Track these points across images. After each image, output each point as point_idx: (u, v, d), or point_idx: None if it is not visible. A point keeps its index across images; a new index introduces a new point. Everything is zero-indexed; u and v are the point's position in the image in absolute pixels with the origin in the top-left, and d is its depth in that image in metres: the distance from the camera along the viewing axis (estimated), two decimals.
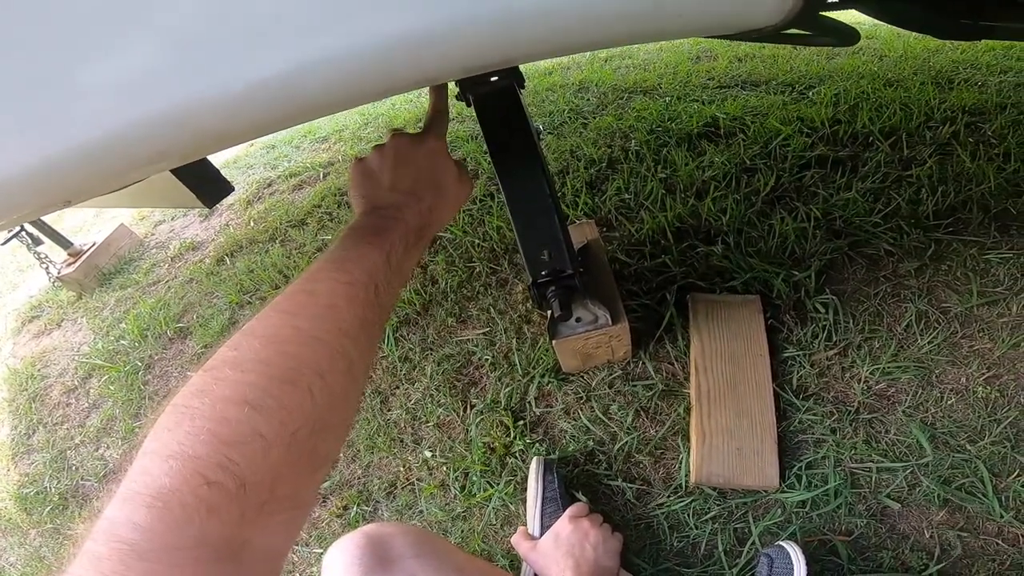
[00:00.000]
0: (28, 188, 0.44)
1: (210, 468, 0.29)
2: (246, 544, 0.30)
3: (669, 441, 1.01)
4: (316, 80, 0.37)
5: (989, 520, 0.83)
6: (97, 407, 1.58)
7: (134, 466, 0.30)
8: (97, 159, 0.43)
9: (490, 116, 0.79)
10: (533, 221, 0.81)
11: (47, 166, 0.42)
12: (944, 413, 0.94)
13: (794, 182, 1.35)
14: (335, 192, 1.91)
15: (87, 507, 1.34)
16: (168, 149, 0.45)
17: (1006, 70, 1.75)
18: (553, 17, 0.34)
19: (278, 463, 0.32)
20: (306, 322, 0.38)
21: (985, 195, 1.22)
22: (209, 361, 0.36)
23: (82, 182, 0.47)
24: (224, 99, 0.38)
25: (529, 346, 1.19)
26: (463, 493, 1.04)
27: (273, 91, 0.36)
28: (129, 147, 0.42)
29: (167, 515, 0.27)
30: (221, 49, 0.36)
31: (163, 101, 0.38)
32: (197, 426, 0.31)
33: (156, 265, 2.02)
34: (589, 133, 1.73)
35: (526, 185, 0.80)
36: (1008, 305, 1.05)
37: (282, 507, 0.33)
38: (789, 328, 1.09)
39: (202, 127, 0.42)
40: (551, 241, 0.80)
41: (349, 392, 0.39)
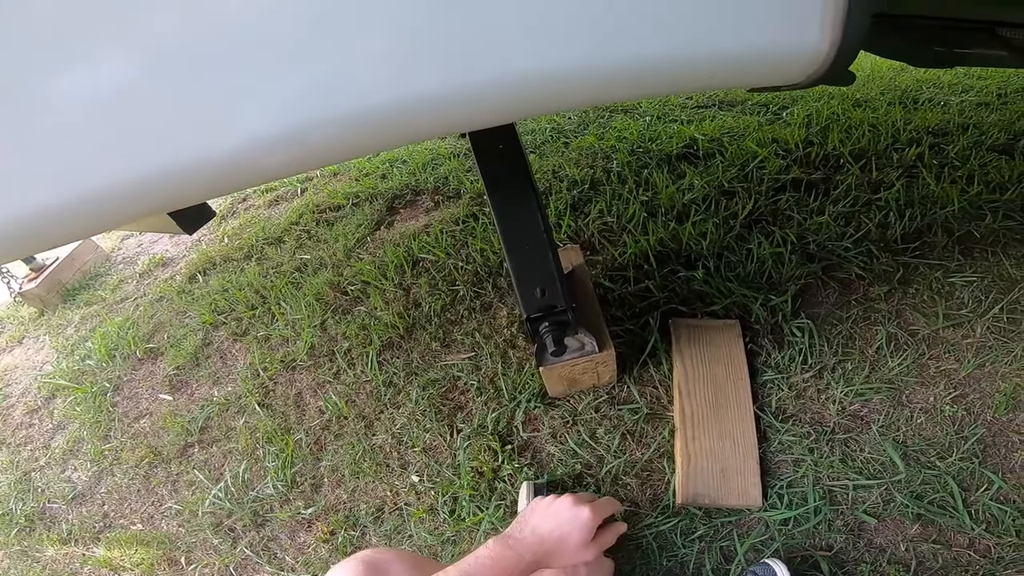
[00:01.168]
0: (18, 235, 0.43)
1: None
2: None
3: (655, 463, 1.03)
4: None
5: (960, 532, 0.87)
6: (62, 428, 1.52)
7: None
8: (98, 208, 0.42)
9: (486, 150, 0.79)
10: (528, 259, 0.81)
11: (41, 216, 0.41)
12: (914, 431, 0.99)
13: (770, 205, 1.39)
14: (313, 209, 1.88)
15: (55, 530, 1.30)
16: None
17: (967, 89, 1.84)
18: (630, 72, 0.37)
19: None
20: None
21: (949, 218, 1.28)
22: None
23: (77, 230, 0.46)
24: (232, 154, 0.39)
25: (515, 371, 1.19)
26: (452, 517, 1.04)
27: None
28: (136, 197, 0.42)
29: None
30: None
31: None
32: None
33: (124, 281, 1.95)
34: (571, 153, 1.75)
35: (522, 222, 0.80)
36: (972, 327, 1.10)
37: None
38: (767, 352, 1.12)
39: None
40: (545, 279, 0.80)
41: None
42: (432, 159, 2.00)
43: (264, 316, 1.54)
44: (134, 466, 1.33)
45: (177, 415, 1.40)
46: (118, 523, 1.27)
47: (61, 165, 0.38)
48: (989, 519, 0.87)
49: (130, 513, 1.27)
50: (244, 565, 1.11)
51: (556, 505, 0.76)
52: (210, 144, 0.38)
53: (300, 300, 1.53)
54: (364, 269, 1.56)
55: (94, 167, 0.38)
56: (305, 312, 1.49)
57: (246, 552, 1.12)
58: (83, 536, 1.26)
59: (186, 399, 1.44)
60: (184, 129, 0.37)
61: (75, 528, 1.28)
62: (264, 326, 1.51)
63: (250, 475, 1.22)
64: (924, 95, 1.82)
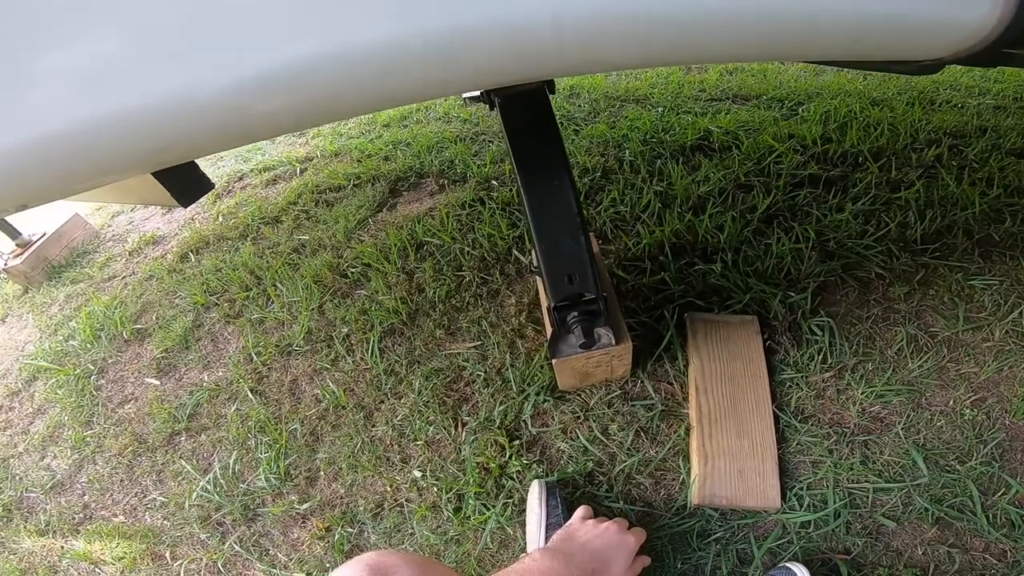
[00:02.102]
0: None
1: None
2: None
3: (669, 462, 0.99)
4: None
5: (977, 536, 0.86)
6: (43, 412, 1.45)
7: None
8: (62, 156, 0.36)
9: (517, 122, 0.72)
10: (559, 243, 0.75)
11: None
12: (934, 435, 0.97)
13: (788, 201, 1.35)
14: (313, 189, 1.81)
15: (32, 520, 1.23)
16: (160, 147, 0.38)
17: (984, 92, 1.82)
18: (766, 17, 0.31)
19: None
20: None
21: (969, 220, 1.25)
22: None
23: (43, 183, 0.40)
24: (221, 95, 0.33)
25: (523, 362, 1.14)
26: (457, 515, 0.99)
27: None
28: (106, 143, 0.35)
29: None
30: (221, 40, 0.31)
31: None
32: None
33: (112, 259, 1.87)
34: (582, 141, 1.70)
35: (554, 202, 0.74)
36: (992, 330, 1.08)
37: None
38: (786, 350, 1.09)
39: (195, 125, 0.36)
40: (577, 265, 0.75)
41: None
42: (437, 142, 1.94)
43: (259, 298, 1.48)
44: (117, 454, 1.27)
45: (164, 401, 1.33)
46: (99, 514, 1.20)
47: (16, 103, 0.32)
48: (1006, 523, 0.86)
49: (112, 504, 1.21)
50: (233, 561, 1.05)
51: (607, 528, 0.79)
52: (194, 82, 0.32)
53: (297, 282, 1.47)
54: (365, 252, 1.50)
55: (52, 103, 0.32)
56: (302, 294, 1.43)
57: (235, 548, 1.06)
58: (62, 528, 1.20)
59: (174, 384, 1.37)
60: (164, 62, 0.32)
61: (53, 519, 1.21)
62: (259, 308, 1.45)
63: (241, 466, 1.16)
64: (941, 96, 1.80)
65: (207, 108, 0.33)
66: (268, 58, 0.32)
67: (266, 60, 0.32)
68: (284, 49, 0.32)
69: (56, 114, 0.33)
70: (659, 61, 0.37)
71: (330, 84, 0.34)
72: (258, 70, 0.32)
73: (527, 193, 0.73)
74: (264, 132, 0.39)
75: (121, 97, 0.33)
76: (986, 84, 1.87)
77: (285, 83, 0.33)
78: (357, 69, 0.33)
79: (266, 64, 0.32)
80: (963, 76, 1.91)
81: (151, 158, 0.39)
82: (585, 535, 0.78)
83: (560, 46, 0.33)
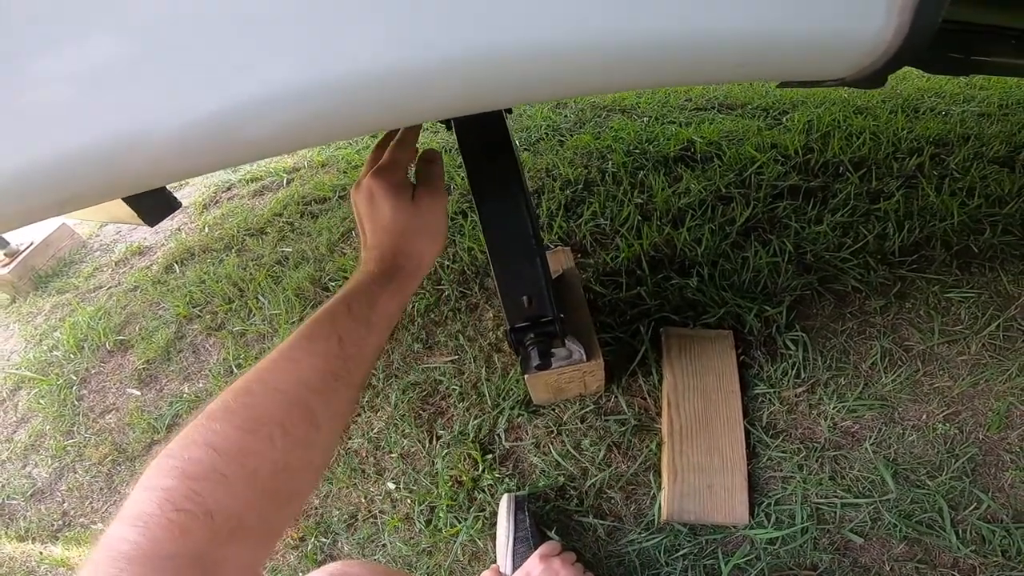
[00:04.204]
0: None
1: (179, 498, 0.35)
2: (223, 562, 0.36)
3: (641, 477, 1.00)
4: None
5: (946, 552, 0.86)
6: (26, 421, 1.46)
7: (129, 496, 0.36)
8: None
9: (472, 143, 0.73)
10: (515, 266, 0.76)
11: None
12: (906, 449, 0.97)
13: (767, 213, 1.35)
14: (299, 200, 1.81)
15: (13, 526, 1.24)
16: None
17: (969, 99, 1.82)
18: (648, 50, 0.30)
19: (241, 497, 0.38)
20: (270, 375, 0.43)
21: (948, 231, 1.25)
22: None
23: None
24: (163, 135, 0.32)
25: (499, 376, 1.15)
26: (429, 528, 1.00)
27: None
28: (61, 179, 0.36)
29: (148, 533, 0.34)
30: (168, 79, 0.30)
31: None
32: (171, 464, 0.37)
33: (99, 269, 1.87)
34: (566, 152, 1.70)
35: (509, 226, 0.74)
36: (968, 344, 1.08)
37: (252, 533, 0.38)
38: (760, 364, 1.09)
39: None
40: (532, 287, 0.75)
41: (312, 438, 0.42)
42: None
43: (241, 310, 1.48)
44: (97, 463, 1.27)
45: (144, 411, 1.34)
46: (78, 522, 1.21)
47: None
48: (976, 539, 0.87)
49: (91, 512, 1.21)
50: None
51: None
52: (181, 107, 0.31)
53: (279, 295, 1.47)
54: (347, 264, 1.51)
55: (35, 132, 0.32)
56: (284, 307, 1.44)
57: None
58: (41, 534, 1.21)
59: (155, 395, 1.38)
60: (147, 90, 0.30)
61: (33, 525, 1.22)
62: (240, 321, 1.45)
63: None
64: (925, 104, 1.80)
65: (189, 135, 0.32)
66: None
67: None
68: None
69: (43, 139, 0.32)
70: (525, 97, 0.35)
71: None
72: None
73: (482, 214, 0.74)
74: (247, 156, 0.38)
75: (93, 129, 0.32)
76: (971, 91, 1.86)
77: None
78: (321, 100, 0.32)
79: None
80: (948, 83, 1.91)
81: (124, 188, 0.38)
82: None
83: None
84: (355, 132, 0.36)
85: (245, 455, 0.38)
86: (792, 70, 0.35)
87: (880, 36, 0.32)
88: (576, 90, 0.34)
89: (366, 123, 0.35)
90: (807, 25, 0.31)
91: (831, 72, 0.35)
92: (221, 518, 0.36)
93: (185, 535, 0.34)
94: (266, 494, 0.39)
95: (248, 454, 0.38)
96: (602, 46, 0.29)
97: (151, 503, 0.35)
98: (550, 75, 0.31)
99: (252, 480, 0.38)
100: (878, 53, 0.33)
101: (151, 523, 0.34)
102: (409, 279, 0.54)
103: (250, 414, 0.40)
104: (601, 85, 0.34)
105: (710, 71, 0.33)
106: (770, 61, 0.33)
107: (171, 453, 0.38)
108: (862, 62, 0.34)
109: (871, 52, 0.33)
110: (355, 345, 0.47)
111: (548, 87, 0.32)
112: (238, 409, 0.40)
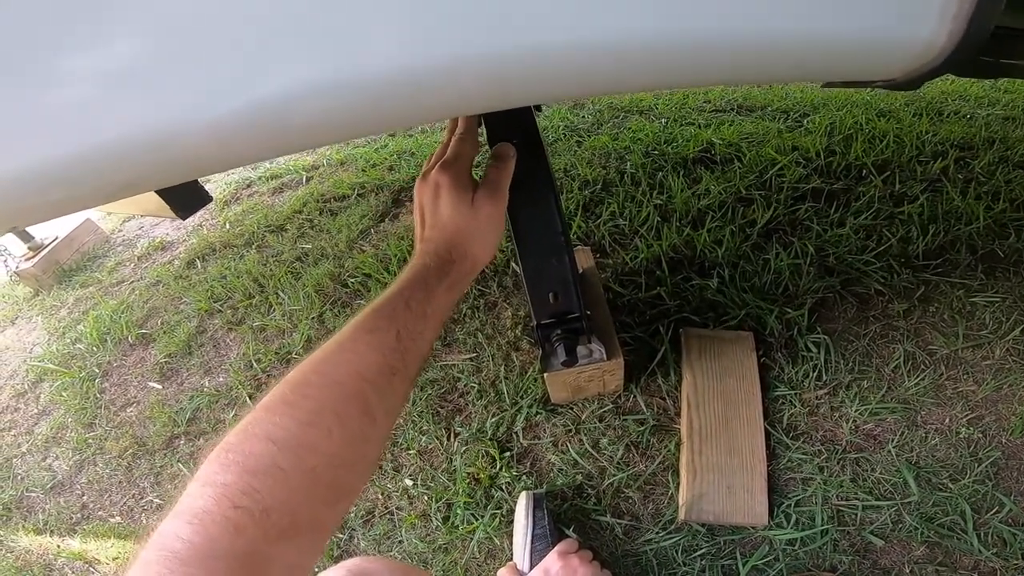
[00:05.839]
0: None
1: (236, 494, 0.34)
2: (271, 561, 0.35)
3: (659, 477, 0.99)
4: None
5: (967, 555, 0.85)
6: (47, 414, 1.48)
7: (185, 490, 0.36)
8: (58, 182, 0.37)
9: (502, 138, 0.73)
10: (543, 263, 0.76)
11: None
12: (928, 452, 0.96)
13: (789, 215, 1.34)
14: (318, 198, 1.83)
15: (31, 519, 1.25)
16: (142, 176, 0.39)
17: (994, 102, 1.79)
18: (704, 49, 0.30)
19: (297, 492, 0.37)
20: (328, 367, 0.43)
21: (973, 235, 1.24)
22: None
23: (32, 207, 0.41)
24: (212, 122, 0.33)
25: (517, 374, 1.15)
26: (446, 525, 1.00)
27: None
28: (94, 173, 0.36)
29: (203, 531, 0.33)
30: (216, 68, 0.31)
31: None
32: (229, 459, 0.36)
33: (121, 264, 1.90)
34: (584, 152, 1.70)
35: (539, 222, 0.75)
36: (992, 348, 1.07)
37: (302, 531, 0.37)
38: (780, 366, 1.08)
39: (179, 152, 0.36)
40: (560, 283, 0.75)
41: (368, 432, 0.42)
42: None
43: (261, 306, 1.50)
44: (117, 456, 1.29)
45: (165, 405, 1.36)
46: (96, 515, 1.22)
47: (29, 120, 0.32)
48: (998, 542, 0.86)
49: (109, 505, 1.23)
50: None
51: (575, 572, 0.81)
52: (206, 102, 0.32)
53: (299, 291, 1.49)
54: (366, 261, 1.52)
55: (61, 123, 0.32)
56: (303, 303, 1.45)
57: None
58: (59, 527, 1.22)
59: (175, 388, 1.40)
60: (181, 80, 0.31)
61: (52, 518, 1.23)
62: (260, 316, 1.47)
63: None
64: (949, 107, 1.77)
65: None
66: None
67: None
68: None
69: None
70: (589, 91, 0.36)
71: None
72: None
73: (511, 211, 0.74)
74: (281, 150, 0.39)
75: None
76: (996, 94, 1.84)
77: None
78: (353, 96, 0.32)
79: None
80: (972, 86, 1.88)
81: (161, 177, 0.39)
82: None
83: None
84: (405, 122, 0.37)
85: (304, 449, 0.38)
86: (844, 71, 0.35)
87: (933, 41, 0.32)
88: (635, 86, 0.35)
89: (414, 114, 0.36)
90: (862, 28, 0.31)
91: (881, 74, 0.36)
92: (277, 515, 0.35)
93: (240, 533, 0.34)
94: (320, 490, 0.39)
95: (307, 448, 0.38)
96: (672, 45, 0.30)
97: (208, 499, 0.34)
98: (615, 73, 0.31)
99: (310, 475, 0.38)
100: (929, 57, 0.33)
101: (207, 520, 0.33)
102: (464, 276, 0.55)
103: (309, 406, 0.40)
104: (660, 82, 0.35)
105: (768, 71, 0.34)
106: (824, 62, 0.33)
107: (229, 447, 0.37)
108: (913, 65, 0.34)
109: (921, 56, 0.33)
110: (412, 339, 0.47)
111: (611, 83, 0.33)
112: (297, 401, 0.40)
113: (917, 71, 0.35)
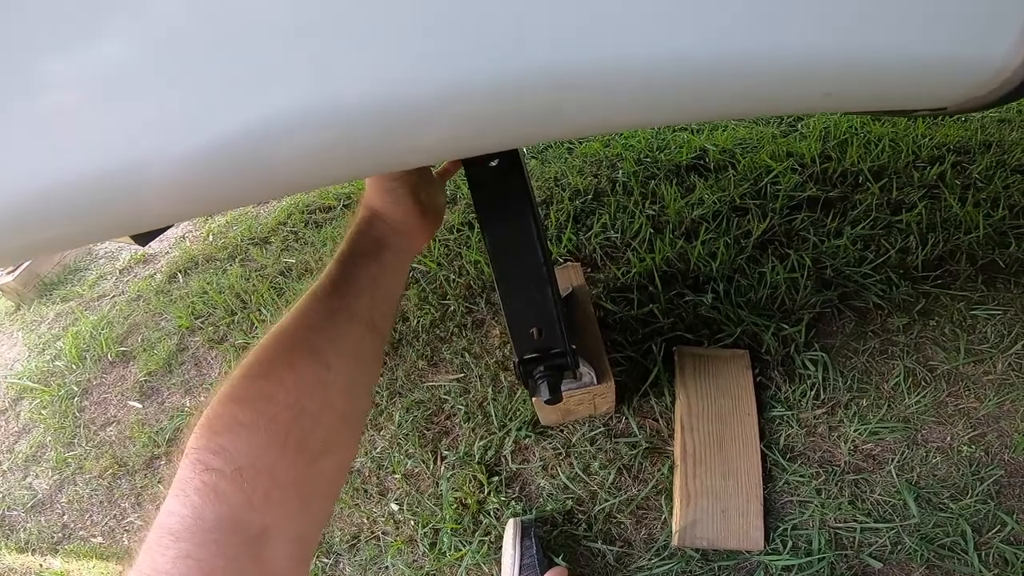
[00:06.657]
0: None
1: (207, 456, 0.35)
2: (267, 532, 0.35)
3: (652, 501, 0.97)
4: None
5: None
6: (27, 432, 1.44)
7: None
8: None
9: (478, 165, 0.68)
10: (523, 296, 0.72)
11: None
12: (929, 472, 0.94)
13: (784, 225, 1.31)
14: (303, 209, 1.79)
15: (13, 538, 1.23)
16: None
17: None
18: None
19: (268, 449, 0.37)
20: (275, 327, 0.45)
21: (973, 244, 1.21)
22: None
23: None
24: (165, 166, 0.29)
25: (505, 396, 1.12)
26: (433, 551, 0.97)
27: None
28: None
29: (188, 501, 0.34)
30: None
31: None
32: (198, 424, 0.38)
33: (103, 277, 1.86)
34: (575, 160, 1.66)
35: (518, 251, 0.70)
36: (994, 363, 1.04)
37: (288, 493, 0.38)
38: (777, 385, 1.05)
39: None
40: (543, 318, 0.71)
41: (323, 376, 0.43)
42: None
43: (243, 323, 1.46)
44: (97, 476, 1.26)
45: (145, 424, 1.32)
46: (78, 534, 1.20)
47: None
48: (999, 561, 0.84)
49: (91, 525, 1.20)
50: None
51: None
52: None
53: (282, 308, 1.45)
54: None
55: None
56: None
57: None
58: (40, 546, 1.20)
59: (156, 408, 1.36)
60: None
61: (33, 537, 1.21)
62: (243, 333, 1.43)
63: None
64: None
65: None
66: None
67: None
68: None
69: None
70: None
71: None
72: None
73: (487, 237, 0.70)
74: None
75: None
76: None
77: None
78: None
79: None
80: None
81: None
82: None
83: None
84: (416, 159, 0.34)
85: (261, 400, 0.39)
86: (888, 100, 0.30)
87: (1006, 63, 0.26)
88: (635, 123, 0.31)
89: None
90: (919, 49, 0.25)
91: (933, 103, 0.30)
92: (250, 473, 0.36)
93: (220, 498, 0.34)
94: (292, 443, 0.39)
95: (263, 399, 0.39)
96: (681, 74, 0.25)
97: (186, 467, 0.35)
98: (600, 111, 0.27)
99: (272, 427, 0.38)
100: (997, 83, 0.27)
101: (188, 489, 0.34)
102: (393, 245, 0.56)
103: (258, 358, 0.42)
104: (665, 117, 0.30)
105: (790, 101, 0.28)
106: (866, 90, 0.28)
107: (202, 417, 0.39)
108: (975, 92, 0.28)
109: (989, 82, 0.27)
110: (348, 280, 0.49)
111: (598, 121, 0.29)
112: (249, 359, 0.42)
113: (975, 100, 0.29)
